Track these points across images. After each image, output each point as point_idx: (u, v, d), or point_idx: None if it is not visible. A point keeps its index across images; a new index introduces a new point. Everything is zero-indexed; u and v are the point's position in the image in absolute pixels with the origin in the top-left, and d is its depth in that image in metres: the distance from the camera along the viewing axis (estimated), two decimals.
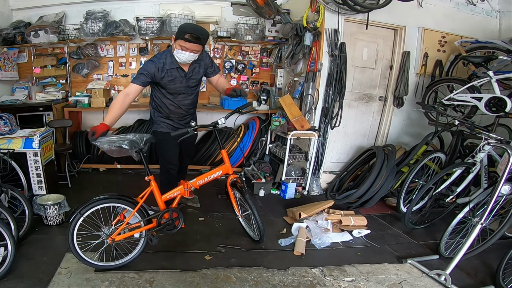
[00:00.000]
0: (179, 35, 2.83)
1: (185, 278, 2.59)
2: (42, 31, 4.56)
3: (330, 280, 2.70)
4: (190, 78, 3.15)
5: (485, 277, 2.88)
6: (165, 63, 2.97)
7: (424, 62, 4.59)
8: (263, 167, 4.75)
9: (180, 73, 3.06)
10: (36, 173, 3.37)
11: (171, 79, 3.03)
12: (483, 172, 3.41)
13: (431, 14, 4.45)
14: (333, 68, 4.21)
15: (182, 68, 3.05)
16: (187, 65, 3.07)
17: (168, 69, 2.99)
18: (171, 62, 2.98)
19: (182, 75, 3.07)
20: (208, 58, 3.26)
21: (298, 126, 4.25)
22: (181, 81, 3.09)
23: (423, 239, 3.51)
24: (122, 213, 2.62)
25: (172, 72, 3.02)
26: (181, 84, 3.10)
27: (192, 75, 3.15)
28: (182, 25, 2.99)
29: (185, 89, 3.16)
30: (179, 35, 2.84)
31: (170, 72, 3.00)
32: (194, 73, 3.16)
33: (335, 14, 4.08)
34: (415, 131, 4.81)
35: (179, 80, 3.08)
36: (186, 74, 3.09)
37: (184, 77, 3.09)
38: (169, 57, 2.99)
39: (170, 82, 3.05)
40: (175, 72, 3.03)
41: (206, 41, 2.93)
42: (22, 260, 2.63)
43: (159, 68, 2.95)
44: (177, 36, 2.86)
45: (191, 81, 3.17)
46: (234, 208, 3.18)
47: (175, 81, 3.06)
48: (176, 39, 2.87)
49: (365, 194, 3.94)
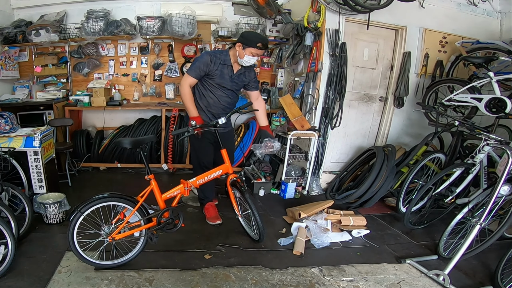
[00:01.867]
0: (251, 44, 3.11)
1: (184, 277, 2.59)
2: (43, 30, 4.58)
3: (329, 280, 2.70)
4: (233, 80, 3.36)
5: (484, 278, 2.88)
6: (220, 58, 3.26)
7: (425, 63, 4.59)
8: (263, 166, 4.76)
9: (229, 71, 3.32)
10: (36, 171, 3.38)
11: (220, 74, 3.28)
12: (483, 173, 3.40)
13: (432, 14, 4.45)
14: (333, 68, 4.22)
15: (232, 69, 3.33)
16: (237, 68, 3.35)
17: (221, 64, 3.26)
18: (225, 60, 3.27)
19: (230, 74, 3.32)
20: (253, 73, 3.53)
21: (298, 126, 4.26)
22: (227, 79, 3.32)
23: (422, 239, 3.51)
24: (122, 212, 2.63)
25: (224, 69, 3.28)
26: (224, 81, 3.32)
27: (236, 78, 3.37)
28: (249, 34, 3.26)
29: (228, 86, 3.36)
30: (250, 43, 3.11)
31: (221, 67, 3.27)
32: (238, 78, 3.39)
33: (336, 14, 4.08)
34: (415, 131, 4.81)
35: (226, 77, 3.31)
36: (233, 75, 3.34)
37: (230, 76, 3.33)
38: (224, 55, 3.28)
39: (218, 76, 3.28)
40: (226, 69, 3.30)
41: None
42: (23, 258, 2.64)
43: (214, 61, 3.23)
44: (247, 44, 3.12)
45: (233, 83, 3.37)
46: (234, 207, 3.19)
47: (223, 76, 3.30)
48: (247, 47, 3.13)
49: (365, 194, 3.94)
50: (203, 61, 3.22)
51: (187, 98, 3.28)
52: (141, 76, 5.41)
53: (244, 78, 3.44)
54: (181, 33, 4.78)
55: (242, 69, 3.38)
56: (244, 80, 3.45)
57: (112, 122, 5.39)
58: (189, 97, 3.28)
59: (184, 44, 5.32)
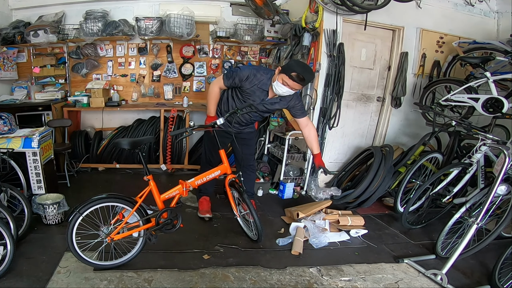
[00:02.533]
0: (286, 71, 2.87)
1: (183, 277, 2.60)
2: (42, 31, 4.57)
3: (328, 280, 2.71)
4: (264, 105, 3.18)
5: (481, 277, 2.90)
6: (259, 80, 3.04)
7: (422, 63, 4.60)
8: (262, 167, 4.76)
9: (261, 95, 3.12)
10: (35, 172, 3.38)
11: (251, 93, 3.10)
12: (480, 173, 3.42)
13: (429, 14, 4.46)
14: (331, 68, 4.22)
15: (267, 93, 3.12)
16: (272, 94, 3.12)
17: (258, 86, 3.06)
18: (263, 84, 3.05)
19: (262, 97, 3.13)
20: (294, 101, 3.20)
21: (297, 127, 4.26)
22: (254, 100, 3.12)
23: (420, 239, 3.53)
24: (121, 212, 2.63)
25: (257, 91, 3.09)
26: (254, 101, 3.11)
27: (268, 104, 3.19)
28: (292, 62, 3.12)
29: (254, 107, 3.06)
30: (286, 70, 2.87)
31: (256, 89, 3.08)
32: (271, 105, 3.20)
33: (333, 15, 4.09)
34: (413, 131, 4.82)
35: (257, 100, 3.13)
36: (266, 99, 3.15)
37: (261, 100, 3.14)
38: (266, 78, 3.05)
39: (248, 95, 3.12)
40: (259, 92, 3.10)
41: (308, 82, 3.06)
42: (21, 259, 2.64)
43: (251, 80, 3.04)
44: (283, 70, 2.90)
45: (263, 107, 3.19)
46: (232, 207, 3.20)
47: (253, 96, 3.12)
48: (282, 72, 2.90)
49: (363, 194, 3.95)
50: (240, 76, 3.05)
51: (211, 97, 3.24)
52: (139, 76, 5.41)
53: (278, 105, 3.21)
54: (180, 34, 4.79)
55: (280, 98, 3.14)
56: (276, 106, 3.23)
57: (110, 122, 5.38)
58: (213, 97, 3.23)
59: (183, 45, 5.33)
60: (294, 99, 3.18)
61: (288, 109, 3.31)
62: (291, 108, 3.25)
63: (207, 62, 5.52)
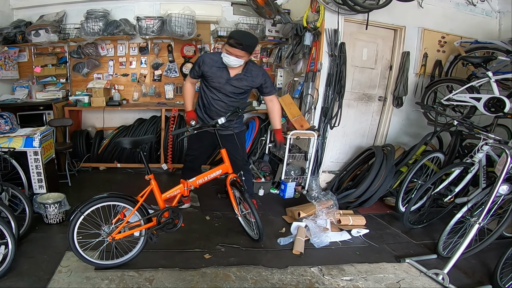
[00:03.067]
0: (227, 40, 3.01)
1: (184, 277, 2.60)
2: (43, 30, 4.58)
3: (329, 279, 2.71)
4: (231, 84, 3.20)
5: (483, 277, 2.89)
6: (216, 61, 3.15)
7: (424, 62, 4.59)
8: (263, 166, 4.76)
9: (223, 75, 3.18)
10: (36, 171, 3.38)
11: (212, 76, 3.19)
12: (482, 172, 3.41)
13: (430, 14, 4.45)
14: (332, 68, 4.22)
15: (228, 72, 3.17)
16: (234, 71, 3.17)
17: (216, 67, 3.16)
18: (221, 62, 3.12)
19: (225, 77, 3.18)
20: (263, 78, 3.28)
21: (298, 126, 4.26)
22: (219, 82, 3.19)
23: (421, 239, 3.52)
24: (122, 211, 2.63)
25: (217, 71, 3.17)
26: (219, 84, 3.20)
27: (234, 82, 3.20)
28: (232, 32, 3.28)
29: (223, 90, 3.23)
30: (227, 40, 3.02)
31: (216, 70, 3.16)
32: (236, 82, 3.21)
33: (335, 14, 4.09)
34: (414, 131, 4.81)
35: (219, 80, 3.19)
36: (229, 79, 3.19)
37: (225, 79, 3.18)
38: (218, 57, 3.14)
39: (211, 78, 3.20)
40: (220, 71, 3.17)
41: (250, 48, 3.03)
42: (23, 259, 2.64)
43: (207, 63, 3.17)
44: (226, 41, 3.05)
45: (231, 87, 3.21)
46: (234, 207, 3.20)
47: (216, 79, 3.19)
48: (225, 43, 3.04)
49: (364, 193, 3.94)
50: (197, 62, 3.24)
51: (184, 93, 3.49)
52: (140, 76, 5.41)
53: (245, 82, 3.22)
54: (181, 33, 4.78)
55: (244, 73, 3.19)
56: (244, 84, 3.23)
57: (111, 122, 5.39)
58: (186, 93, 3.45)
59: (184, 44, 5.32)
60: (262, 76, 3.27)
61: (261, 88, 3.34)
62: (263, 87, 3.32)
63: None
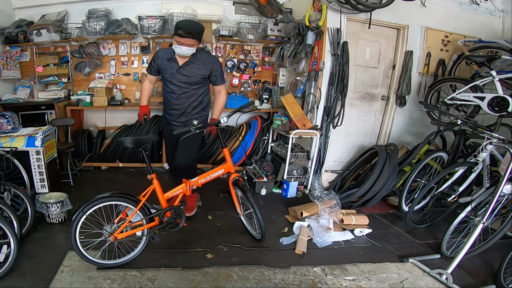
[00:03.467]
0: (175, 31, 3.08)
1: (186, 276, 2.59)
2: (45, 30, 4.58)
3: (332, 279, 2.70)
4: (181, 73, 3.26)
5: (487, 277, 2.88)
6: (168, 53, 3.28)
7: (427, 62, 4.58)
8: (265, 165, 4.75)
9: (173, 65, 3.27)
10: (38, 171, 3.38)
11: (164, 68, 3.31)
12: (485, 172, 3.40)
13: (434, 13, 4.44)
14: (335, 67, 4.21)
15: (176, 61, 3.26)
16: (182, 60, 3.25)
17: (167, 59, 3.28)
18: (171, 53, 3.26)
19: (175, 67, 3.27)
20: (213, 65, 3.31)
21: (300, 125, 4.25)
22: (171, 72, 3.29)
23: (424, 238, 3.50)
24: (124, 211, 2.62)
25: (168, 62, 3.28)
26: (170, 74, 3.30)
27: (183, 71, 3.26)
28: (177, 22, 3.24)
29: (175, 81, 3.31)
30: (175, 31, 3.09)
31: (166, 61, 3.28)
32: (188, 71, 3.26)
33: (337, 13, 4.07)
34: (417, 130, 4.80)
35: (170, 70, 3.29)
36: (179, 68, 3.26)
37: (175, 69, 3.27)
38: (169, 49, 3.29)
39: (164, 71, 3.32)
40: (169, 62, 3.28)
41: (199, 35, 3.14)
42: (25, 258, 2.63)
43: (162, 56, 3.31)
44: (174, 32, 3.11)
45: (182, 76, 3.27)
46: (236, 206, 3.19)
47: (167, 70, 3.30)
48: (173, 35, 3.11)
49: (367, 193, 3.93)
50: (152, 58, 3.39)
51: (141, 90, 3.68)
52: (142, 75, 5.40)
53: (196, 70, 3.26)
54: None
55: (192, 59, 3.24)
56: (195, 72, 3.26)
57: (113, 121, 5.38)
58: (144, 90, 3.61)
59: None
60: (213, 64, 3.31)
61: (210, 77, 3.36)
62: (212, 75, 3.35)
63: None
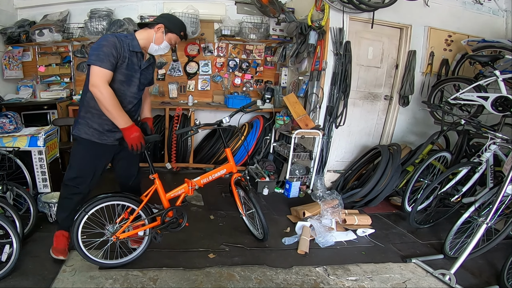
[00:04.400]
0: (175, 29, 2.59)
1: (188, 276, 2.58)
2: (47, 30, 4.58)
3: (334, 279, 2.69)
4: (142, 72, 2.58)
5: (490, 277, 2.87)
6: (127, 43, 2.44)
7: (430, 61, 4.56)
8: (267, 165, 4.74)
9: (138, 60, 2.54)
10: (41, 171, 3.38)
11: (129, 63, 2.46)
12: (489, 172, 3.39)
13: (437, 13, 4.43)
14: (338, 67, 4.20)
15: (142, 56, 2.58)
16: (146, 56, 2.65)
17: (131, 51, 2.46)
18: (134, 45, 2.48)
19: (139, 64, 2.55)
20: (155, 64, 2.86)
21: (303, 125, 4.24)
22: (136, 70, 2.54)
23: (428, 239, 3.49)
24: (127, 211, 2.62)
25: (132, 56, 2.48)
26: (136, 73, 2.54)
27: (144, 69, 2.61)
28: (174, 18, 2.72)
29: (136, 80, 2.55)
30: (174, 29, 2.59)
31: (130, 55, 2.46)
32: (147, 70, 2.65)
33: (340, 13, 4.07)
34: (421, 130, 4.79)
35: (136, 68, 2.54)
36: (142, 64, 2.57)
37: (139, 67, 2.55)
38: (131, 39, 2.48)
39: (126, 66, 2.45)
40: (135, 57, 2.51)
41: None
42: (27, 258, 2.63)
43: (122, 45, 2.39)
44: (171, 29, 2.58)
45: (142, 76, 2.59)
46: (238, 206, 3.18)
47: (132, 66, 2.51)
48: (169, 31, 2.58)
49: (370, 193, 3.92)
50: (111, 44, 2.33)
51: (113, 102, 2.33)
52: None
53: (151, 70, 2.73)
54: None
55: (151, 58, 2.69)
56: (150, 73, 2.72)
57: None
58: (112, 98, 2.33)
59: (187, 43, 5.31)
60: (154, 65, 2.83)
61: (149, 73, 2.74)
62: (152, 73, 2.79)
63: (212, 60, 5.50)
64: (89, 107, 2.49)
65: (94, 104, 2.43)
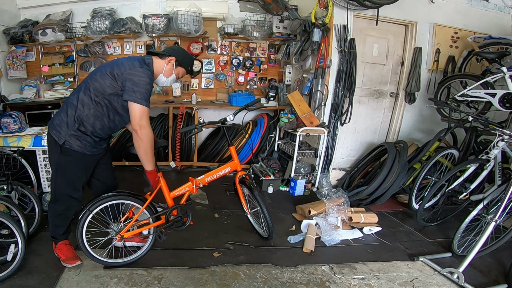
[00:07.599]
0: (185, 64, 2.58)
1: (193, 275, 2.57)
2: (50, 30, 4.58)
3: (340, 278, 2.66)
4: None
5: (499, 275, 2.84)
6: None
7: (436, 58, 4.52)
8: (272, 163, 4.72)
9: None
10: (45, 170, 3.37)
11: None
12: (497, 169, 3.36)
13: (442, 10, 4.39)
14: (342, 64, 4.17)
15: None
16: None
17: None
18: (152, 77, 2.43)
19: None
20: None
21: (307, 123, 4.21)
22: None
23: (435, 237, 3.46)
24: (131, 210, 2.61)
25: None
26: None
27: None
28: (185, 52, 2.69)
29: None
30: (185, 64, 2.58)
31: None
32: None
33: (344, 10, 4.04)
34: (427, 127, 4.75)
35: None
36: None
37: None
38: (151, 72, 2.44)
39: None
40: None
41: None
42: (32, 257, 2.63)
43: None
44: (182, 63, 2.57)
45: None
46: (243, 204, 3.16)
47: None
48: (179, 66, 2.57)
49: (376, 190, 3.89)
50: (152, 82, 2.38)
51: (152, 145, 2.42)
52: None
53: None
54: (187, 31, 4.75)
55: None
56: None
57: None
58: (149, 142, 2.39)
59: (190, 42, 5.28)
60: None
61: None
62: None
63: (216, 59, 5.48)
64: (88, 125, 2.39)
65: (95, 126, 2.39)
